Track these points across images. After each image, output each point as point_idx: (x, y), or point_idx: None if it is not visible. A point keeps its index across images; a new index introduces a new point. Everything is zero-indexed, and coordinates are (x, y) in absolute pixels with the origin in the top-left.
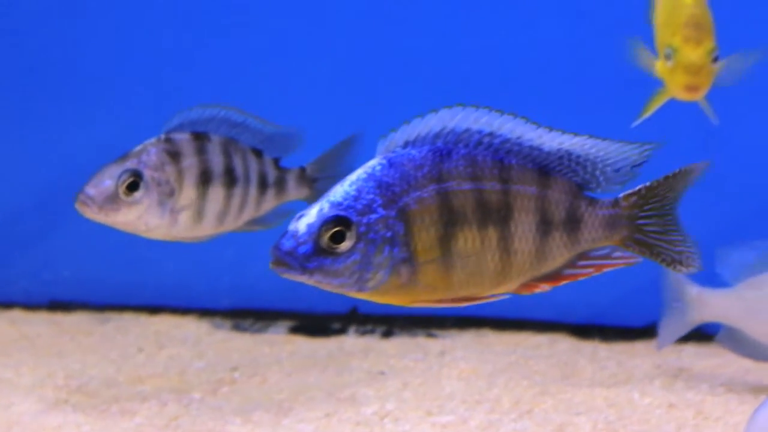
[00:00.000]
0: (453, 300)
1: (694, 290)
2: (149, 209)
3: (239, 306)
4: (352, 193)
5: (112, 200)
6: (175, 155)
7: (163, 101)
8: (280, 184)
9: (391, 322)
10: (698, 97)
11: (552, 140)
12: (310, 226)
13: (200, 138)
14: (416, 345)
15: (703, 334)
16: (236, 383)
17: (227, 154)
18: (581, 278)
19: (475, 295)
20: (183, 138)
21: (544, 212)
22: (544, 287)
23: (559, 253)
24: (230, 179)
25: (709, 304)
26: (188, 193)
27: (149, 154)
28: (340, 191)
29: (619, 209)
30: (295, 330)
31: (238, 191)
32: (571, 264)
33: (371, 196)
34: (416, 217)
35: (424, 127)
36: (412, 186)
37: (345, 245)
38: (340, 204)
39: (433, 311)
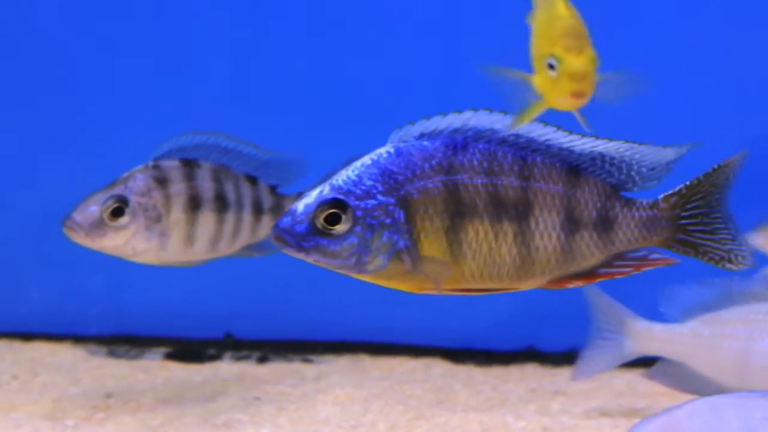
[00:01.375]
0: (466, 290)
1: (639, 323)
2: (136, 234)
3: (114, 332)
4: (354, 178)
5: (98, 226)
6: (162, 181)
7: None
8: (277, 211)
9: (267, 348)
10: (582, 104)
11: (584, 144)
12: (307, 206)
13: (189, 164)
14: (292, 370)
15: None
16: (111, 409)
17: (217, 181)
18: (618, 277)
19: (493, 288)
20: (171, 165)
21: (571, 211)
22: (577, 284)
23: (589, 253)
24: (221, 205)
25: (657, 339)
26: (176, 218)
27: (136, 180)
28: (343, 175)
29: (658, 211)
30: (170, 356)
31: (229, 217)
32: (607, 263)
33: (372, 182)
34: (419, 207)
35: (444, 122)
36: (417, 176)
37: (341, 228)
38: (340, 188)
39: (306, 335)
